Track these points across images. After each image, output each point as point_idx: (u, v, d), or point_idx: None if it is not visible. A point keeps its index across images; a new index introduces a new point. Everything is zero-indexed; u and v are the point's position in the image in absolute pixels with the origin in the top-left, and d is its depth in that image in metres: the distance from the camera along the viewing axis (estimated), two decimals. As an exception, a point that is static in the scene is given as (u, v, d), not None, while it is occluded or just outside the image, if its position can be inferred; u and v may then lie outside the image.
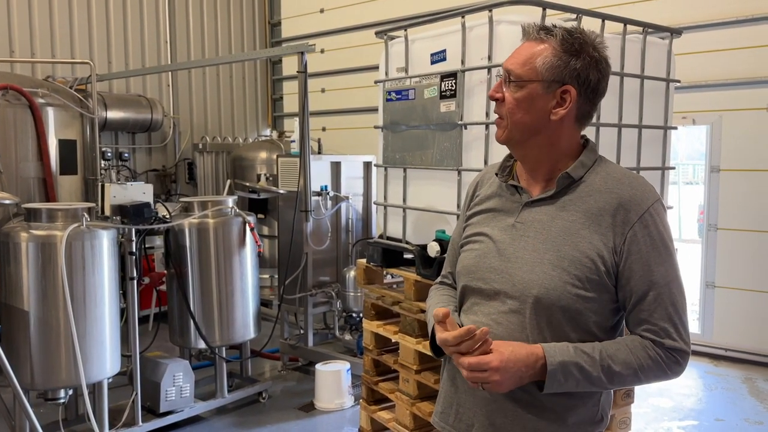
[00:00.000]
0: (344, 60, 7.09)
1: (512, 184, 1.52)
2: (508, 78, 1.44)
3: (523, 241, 1.45)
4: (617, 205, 1.39)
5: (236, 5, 7.97)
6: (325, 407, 4.09)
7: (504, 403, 1.44)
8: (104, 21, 6.71)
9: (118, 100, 6.50)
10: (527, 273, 1.41)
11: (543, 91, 1.40)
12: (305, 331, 4.78)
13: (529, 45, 1.44)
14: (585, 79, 1.40)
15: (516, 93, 1.42)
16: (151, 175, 7.03)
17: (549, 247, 1.41)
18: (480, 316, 1.48)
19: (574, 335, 1.39)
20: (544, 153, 1.46)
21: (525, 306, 1.41)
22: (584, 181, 1.44)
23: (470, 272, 1.52)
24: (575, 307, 1.38)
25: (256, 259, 4.10)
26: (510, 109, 1.43)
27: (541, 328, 1.40)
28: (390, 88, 3.14)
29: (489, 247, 1.50)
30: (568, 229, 1.41)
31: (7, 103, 4.66)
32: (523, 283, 1.41)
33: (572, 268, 1.37)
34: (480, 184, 1.64)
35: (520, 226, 1.47)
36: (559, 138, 1.44)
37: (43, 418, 3.24)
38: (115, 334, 3.40)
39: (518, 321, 1.41)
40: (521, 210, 1.48)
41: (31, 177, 4.80)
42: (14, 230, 3.19)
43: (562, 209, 1.43)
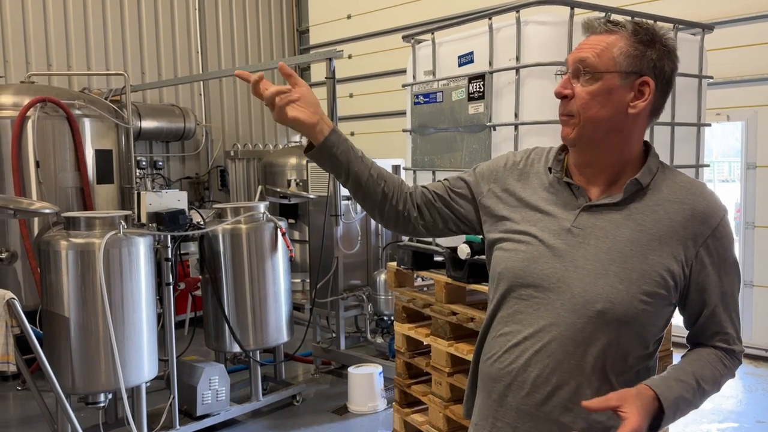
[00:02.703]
0: (372, 65, 7.12)
1: (567, 182, 1.39)
2: (579, 71, 1.33)
3: (583, 249, 1.33)
4: (690, 216, 1.31)
5: (265, 14, 8.09)
6: (358, 410, 4.11)
7: (548, 424, 1.34)
8: (137, 33, 6.88)
9: (152, 109, 6.65)
10: (590, 285, 1.30)
11: (620, 83, 1.30)
12: (337, 334, 4.81)
13: (599, 37, 1.33)
14: (661, 69, 1.32)
15: (590, 86, 1.31)
16: (185, 182, 7.17)
17: (614, 258, 1.30)
18: (525, 326, 1.36)
19: (633, 350, 1.32)
20: (616, 154, 1.35)
21: (583, 320, 1.30)
22: (651, 189, 1.34)
23: (518, 276, 1.38)
24: (639, 322, 1.30)
25: (288, 264, 4.15)
26: (583, 104, 1.32)
27: (600, 344, 1.30)
28: (418, 91, 3.15)
29: (540, 251, 1.36)
30: (637, 240, 1.30)
31: (46, 115, 4.81)
32: (584, 295, 1.30)
33: (641, 281, 1.28)
34: (524, 170, 1.48)
35: (578, 232, 1.35)
36: (632, 136, 1.35)
37: (84, 421, 3.32)
38: (153, 339, 3.47)
39: (573, 335, 1.30)
40: (579, 214, 1.36)
41: (70, 186, 4.94)
42: (54, 238, 3.29)
43: (629, 218, 1.32)
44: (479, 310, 2.87)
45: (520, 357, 1.36)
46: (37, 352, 3.09)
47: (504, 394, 1.39)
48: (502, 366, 1.39)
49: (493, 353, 1.42)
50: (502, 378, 1.39)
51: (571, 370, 1.31)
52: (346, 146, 1.45)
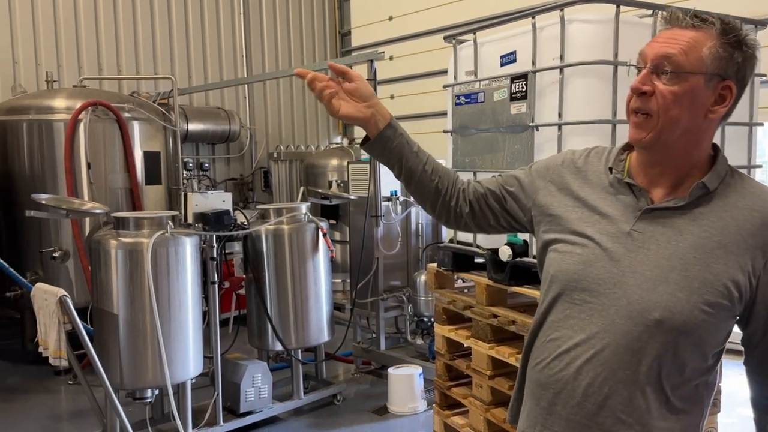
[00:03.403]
0: (413, 66, 7.12)
1: (628, 182, 1.32)
2: (662, 68, 1.23)
3: (642, 254, 1.26)
4: (760, 225, 1.24)
5: (308, 18, 8.18)
6: (398, 411, 4.11)
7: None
8: (184, 38, 7.05)
9: (198, 112, 6.81)
10: (648, 292, 1.23)
11: (704, 85, 1.22)
12: (377, 335, 4.82)
13: (683, 32, 1.24)
14: (743, 75, 1.25)
15: (674, 85, 1.22)
16: (230, 183, 7.31)
17: (675, 265, 1.23)
18: (576, 332, 1.30)
19: (690, 361, 1.26)
20: (686, 157, 1.28)
21: (640, 328, 1.23)
22: (718, 194, 1.27)
23: (571, 280, 1.32)
24: (698, 333, 1.23)
25: (329, 264, 4.18)
26: (665, 105, 1.22)
27: (655, 354, 1.24)
28: (459, 91, 3.13)
29: (596, 254, 1.30)
30: (701, 247, 1.23)
31: (97, 118, 4.97)
32: (641, 302, 1.23)
33: (703, 291, 1.21)
34: (583, 168, 1.41)
35: (638, 236, 1.28)
36: (704, 138, 1.28)
37: (132, 416, 3.40)
38: (198, 337, 3.54)
39: (627, 344, 1.24)
40: (640, 216, 1.29)
41: (119, 187, 5.09)
42: (104, 238, 3.40)
43: (693, 223, 1.26)
44: (521, 313, 2.83)
45: (571, 364, 1.30)
46: (88, 347, 3.20)
47: (553, 402, 1.33)
48: (551, 373, 1.34)
49: (542, 359, 1.37)
50: (551, 385, 1.34)
51: (625, 380, 1.25)
52: (401, 140, 1.45)
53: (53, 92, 5.21)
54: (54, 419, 4.17)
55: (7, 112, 5.05)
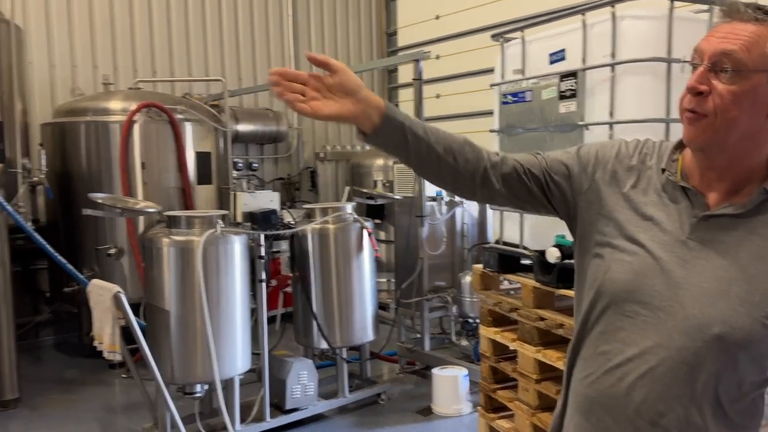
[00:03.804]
0: (460, 64, 7.07)
1: (683, 186, 1.23)
2: (722, 65, 1.14)
3: (700, 265, 1.19)
4: None
5: (354, 19, 8.22)
6: (442, 412, 4.09)
7: None
8: (235, 41, 7.19)
9: (248, 113, 6.93)
10: (707, 306, 1.16)
11: (766, 83, 1.14)
12: (422, 335, 4.81)
13: (743, 26, 1.14)
14: None
15: (734, 85, 1.13)
16: (277, 183, 7.42)
17: (736, 277, 1.17)
18: (628, 346, 1.22)
19: (748, 375, 1.20)
20: (744, 161, 1.20)
21: (697, 344, 1.16)
22: None
23: (622, 290, 1.23)
24: (758, 348, 1.18)
25: (374, 264, 4.20)
26: (724, 105, 1.14)
27: (713, 370, 1.17)
28: (506, 90, 3.10)
29: (648, 263, 1.22)
30: (762, 258, 1.17)
31: (151, 120, 5.12)
32: (700, 317, 1.16)
33: (765, 304, 1.15)
34: (636, 165, 1.31)
35: (694, 245, 1.20)
36: (765, 143, 1.19)
37: (182, 410, 3.48)
38: (246, 333, 3.61)
39: (684, 359, 1.17)
40: (696, 224, 1.21)
41: (172, 187, 5.23)
42: (157, 236, 3.49)
43: (753, 232, 1.18)
44: (569, 316, 2.78)
45: (623, 380, 1.23)
46: (140, 343, 3.30)
47: (603, 419, 1.26)
48: (601, 388, 1.26)
49: (591, 372, 1.29)
50: (601, 401, 1.27)
51: (680, 397, 1.18)
52: (401, 130, 1.27)
53: (109, 94, 5.39)
54: (108, 411, 4.32)
55: (66, 114, 5.26)
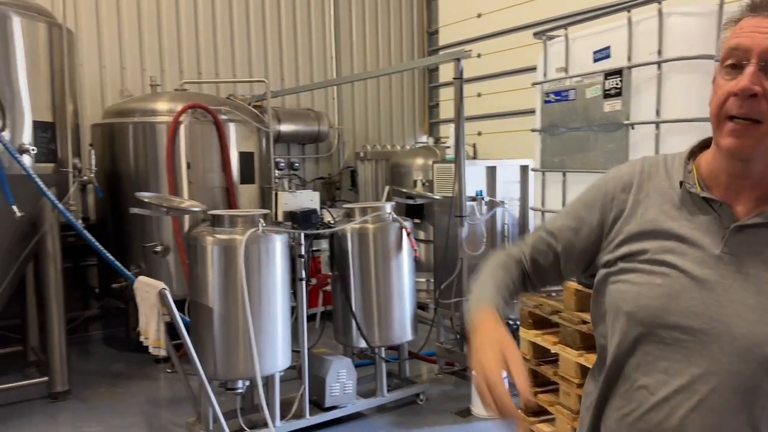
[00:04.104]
0: (501, 63, 7.00)
1: (704, 197, 1.15)
2: None
3: (740, 279, 1.10)
4: None
5: (395, 18, 8.23)
6: (482, 414, 4.05)
7: None
8: (278, 42, 7.29)
9: (290, 114, 7.02)
10: (755, 324, 1.07)
11: None
12: (461, 336, 4.78)
13: None
14: None
15: None
16: (318, 183, 7.49)
17: None
18: (672, 376, 1.12)
19: None
20: None
21: (751, 366, 1.07)
22: None
23: (655, 315, 1.14)
24: None
25: (413, 263, 4.19)
26: None
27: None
28: (549, 89, 3.05)
29: (682, 283, 1.13)
30: None
31: (196, 120, 5.23)
32: (749, 337, 1.07)
33: None
34: (640, 187, 1.25)
35: (730, 259, 1.11)
36: None
37: (223, 405, 3.54)
38: (286, 331, 3.65)
39: (738, 385, 1.08)
40: (728, 236, 1.12)
41: (216, 186, 5.34)
42: (201, 234, 3.57)
43: None
44: (612, 319, 2.72)
45: (673, 415, 1.12)
46: (185, 338, 3.38)
47: None
48: (648, 426, 1.15)
49: (631, 410, 1.19)
50: None
51: (738, 426, 1.09)
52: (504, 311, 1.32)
53: (156, 96, 5.53)
54: (153, 405, 4.44)
55: (115, 115, 5.42)
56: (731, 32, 1.12)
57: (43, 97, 4.29)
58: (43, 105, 4.28)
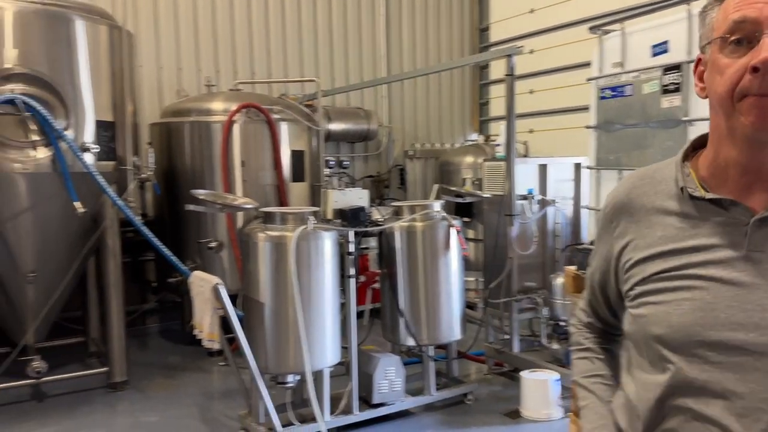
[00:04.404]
0: (554, 59, 6.87)
1: (712, 198, 1.07)
2: None
3: None
4: None
5: (446, 15, 8.20)
6: (531, 416, 4.00)
7: None
8: (329, 42, 7.37)
9: (340, 112, 7.09)
10: None
11: None
12: (510, 336, 4.72)
13: None
14: None
15: None
16: (367, 181, 7.53)
17: None
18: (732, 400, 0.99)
19: None
20: None
21: None
22: None
23: (690, 335, 1.03)
24: None
25: (462, 262, 4.17)
26: None
27: None
28: (604, 84, 2.98)
29: (715, 292, 1.02)
30: None
31: (250, 120, 5.34)
32: None
33: None
34: (632, 209, 1.18)
35: (759, 256, 1.02)
36: None
37: (274, 399, 3.58)
38: (335, 327, 3.69)
39: None
40: (749, 232, 1.03)
41: (267, 184, 5.44)
42: (254, 231, 3.64)
43: None
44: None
45: None
46: (237, 332, 3.46)
47: None
48: None
49: None
50: None
51: None
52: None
53: (211, 96, 5.67)
54: (206, 397, 4.56)
55: (172, 115, 5.59)
56: (723, 9, 1.05)
57: (105, 98, 4.46)
58: (104, 105, 4.44)
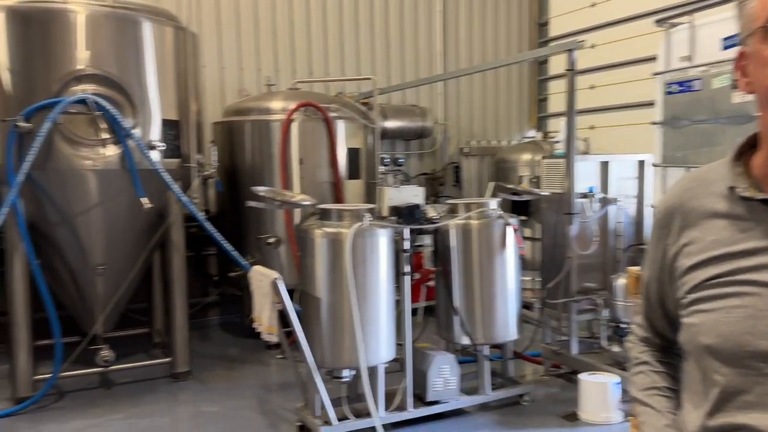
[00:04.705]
0: (616, 54, 6.68)
1: (762, 198, 1.03)
2: None
3: None
4: None
5: (504, 10, 8.09)
6: (590, 419, 3.91)
7: None
8: (385, 40, 7.39)
9: (396, 110, 7.10)
10: None
11: None
12: (568, 338, 4.62)
13: None
14: None
15: None
16: (422, 178, 7.52)
17: None
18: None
19: None
20: None
21: None
22: None
23: (742, 344, 0.97)
24: None
25: (519, 261, 4.11)
26: None
27: None
28: (671, 79, 2.88)
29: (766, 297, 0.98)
30: None
31: (307, 118, 5.42)
32: None
33: None
34: (682, 213, 1.14)
35: None
36: None
37: (330, 393, 3.63)
38: (390, 323, 3.71)
39: None
40: None
41: (324, 181, 5.51)
42: (311, 227, 3.70)
43: None
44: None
45: None
46: (295, 327, 3.52)
47: None
48: None
49: None
50: None
51: None
52: None
53: (271, 95, 5.79)
54: (265, 389, 4.66)
55: (234, 114, 5.73)
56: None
57: (170, 97, 4.62)
58: (169, 104, 4.60)
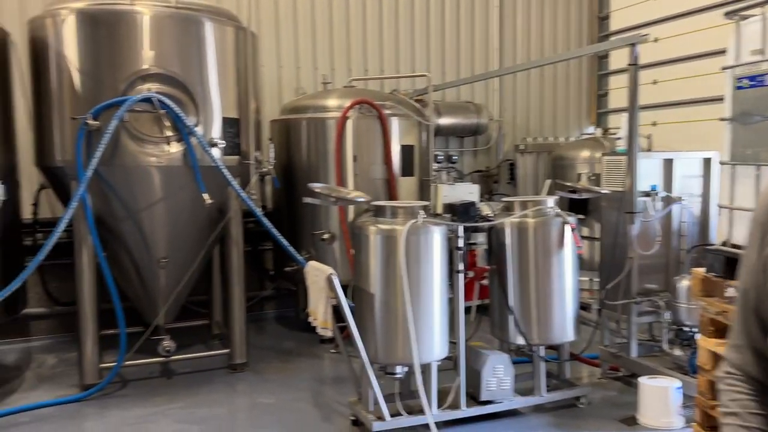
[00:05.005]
0: (681, 47, 6.43)
1: None
2: None
3: None
4: None
5: (563, 3, 7.93)
6: (649, 424, 3.80)
7: None
8: (440, 37, 7.36)
9: (450, 107, 7.06)
10: None
11: None
12: (628, 340, 4.49)
13: None
14: None
15: None
16: (476, 175, 7.45)
17: None
18: None
19: None
20: None
21: None
22: None
23: None
24: None
25: (576, 261, 4.02)
26: None
27: None
28: (742, 73, 2.76)
29: None
30: None
31: (362, 116, 5.46)
32: None
33: None
34: None
35: None
36: None
37: (383, 388, 3.66)
38: (444, 321, 3.69)
39: None
40: None
41: (378, 178, 5.54)
42: (365, 224, 3.72)
43: None
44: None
45: None
46: (349, 322, 3.56)
47: None
48: None
49: None
50: None
51: None
52: None
53: (327, 93, 5.86)
54: (319, 382, 4.73)
55: (291, 112, 5.83)
56: None
57: (230, 96, 4.74)
58: (230, 103, 4.72)
